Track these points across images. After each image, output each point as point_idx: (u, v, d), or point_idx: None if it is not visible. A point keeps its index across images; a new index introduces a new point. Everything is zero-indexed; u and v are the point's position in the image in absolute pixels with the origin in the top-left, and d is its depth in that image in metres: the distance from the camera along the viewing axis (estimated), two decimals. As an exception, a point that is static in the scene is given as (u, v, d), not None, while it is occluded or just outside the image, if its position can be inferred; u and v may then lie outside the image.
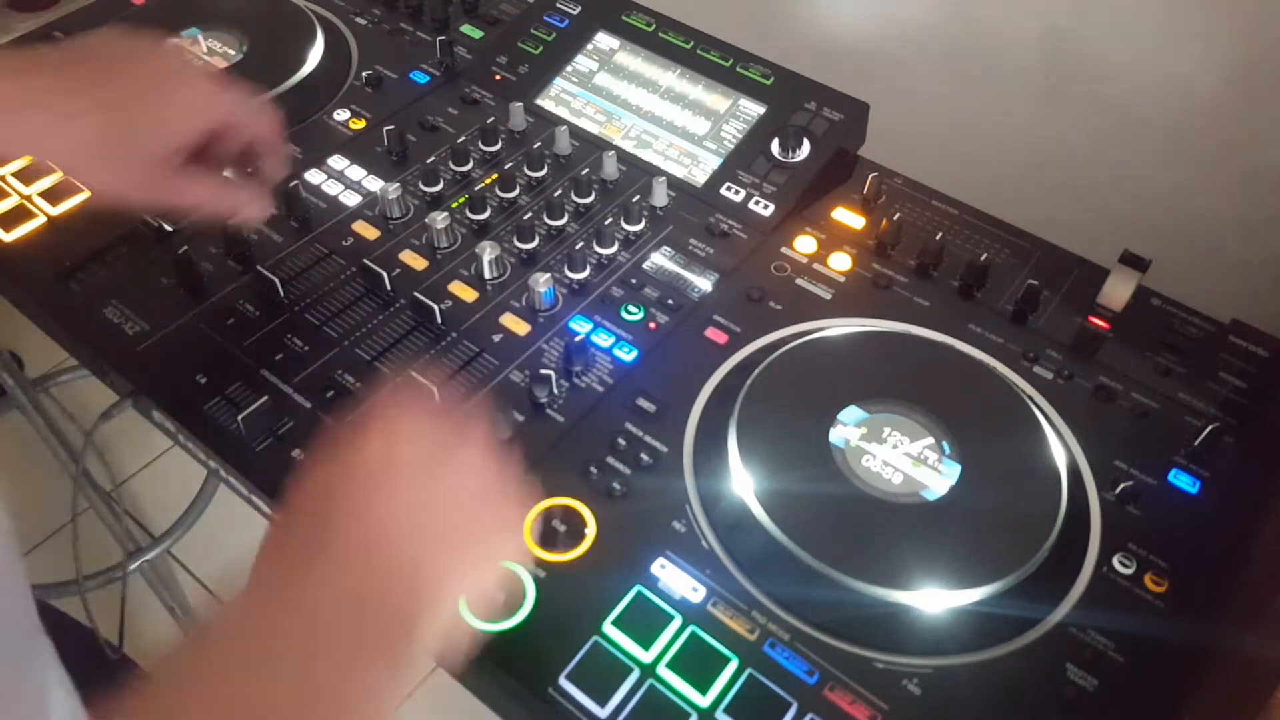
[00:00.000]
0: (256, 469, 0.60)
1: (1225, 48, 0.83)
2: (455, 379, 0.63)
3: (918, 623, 0.52)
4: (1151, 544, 0.57)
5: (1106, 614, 0.53)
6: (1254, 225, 0.88)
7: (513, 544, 0.49)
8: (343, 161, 0.79)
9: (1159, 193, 0.92)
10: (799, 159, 0.78)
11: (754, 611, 0.53)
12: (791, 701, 0.49)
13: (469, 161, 0.78)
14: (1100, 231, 0.78)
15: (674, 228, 0.75)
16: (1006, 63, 0.96)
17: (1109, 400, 0.64)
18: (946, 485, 0.57)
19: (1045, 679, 0.51)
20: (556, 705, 0.49)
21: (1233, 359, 0.67)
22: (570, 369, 0.64)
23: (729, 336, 0.67)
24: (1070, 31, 0.91)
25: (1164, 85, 0.88)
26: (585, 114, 0.84)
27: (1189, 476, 0.60)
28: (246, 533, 1.69)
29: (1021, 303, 0.69)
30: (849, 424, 0.59)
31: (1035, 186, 0.94)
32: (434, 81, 0.87)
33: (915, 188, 0.79)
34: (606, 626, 0.52)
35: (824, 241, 0.74)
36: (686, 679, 0.50)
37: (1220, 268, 0.88)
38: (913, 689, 0.50)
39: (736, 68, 0.83)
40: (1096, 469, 0.60)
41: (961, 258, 0.71)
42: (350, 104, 0.84)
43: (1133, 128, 0.91)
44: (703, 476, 0.58)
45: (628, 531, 0.56)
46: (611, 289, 0.70)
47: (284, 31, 0.87)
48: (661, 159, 0.80)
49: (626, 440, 0.60)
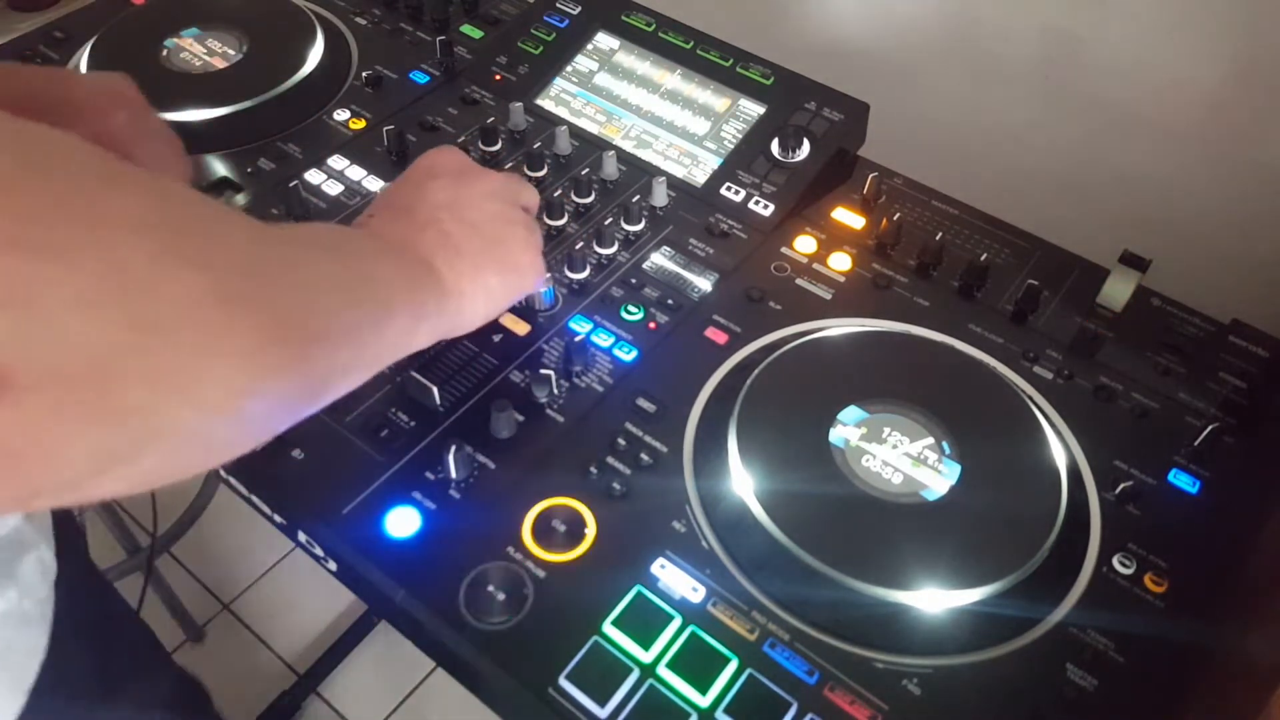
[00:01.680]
0: (256, 468, 0.60)
1: (1225, 47, 0.83)
2: (455, 379, 0.63)
3: (918, 623, 0.52)
4: (1151, 544, 0.57)
5: (1106, 614, 0.54)
6: (1254, 225, 0.88)
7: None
8: (343, 161, 0.79)
9: (1159, 193, 0.93)
10: (799, 159, 0.78)
11: (754, 611, 0.53)
12: (791, 701, 0.49)
13: (469, 161, 0.78)
14: (1100, 231, 0.78)
15: (674, 228, 0.75)
16: (1006, 63, 0.96)
17: (1109, 400, 0.64)
18: (946, 485, 0.57)
19: (1045, 679, 0.51)
20: (556, 705, 0.49)
21: (1233, 359, 0.67)
22: (570, 369, 0.64)
23: (729, 336, 0.67)
24: (1070, 31, 0.91)
25: (1164, 85, 0.88)
26: (585, 114, 0.84)
27: (1189, 476, 0.60)
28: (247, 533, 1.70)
29: (1021, 303, 0.69)
30: (849, 424, 0.59)
31: (1035, 186, 0.94)
32: (434, 81, 0.87)
33: (915, 188, 0.79)
34: (606, 626, 0.52)
35: (824, 241, 0.74)
36: (686, 679, 0.50)
37: (1220, 268, 0.88)
38: (913, 689, 0.50)
39: (736, 68, 0.83)
40: (1096, 469, 0.60)
41: (961, 258, 0.71)
42: (350, 104, 0.84)
43: (1133, 127, 0.91)
44: (703, 476, 0.58)
45: (628, 531, 0.56)
46: (611, 289, 0.70)
47: (284, 31, 0.87)
48: (661, 159, 0.80)
49: (626, 440, 0.60)
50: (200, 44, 0.86)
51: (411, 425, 0.61)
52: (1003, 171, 0.95)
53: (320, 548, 0.58)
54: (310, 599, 1.47)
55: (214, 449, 0.34)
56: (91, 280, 0.27)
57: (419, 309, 0.49)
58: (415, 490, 0.57)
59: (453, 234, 0.53)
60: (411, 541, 0.55)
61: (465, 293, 0.53)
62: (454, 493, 0.57)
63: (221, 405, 0.31)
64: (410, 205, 0.55)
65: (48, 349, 0.26)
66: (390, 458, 0.59)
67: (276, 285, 0.35)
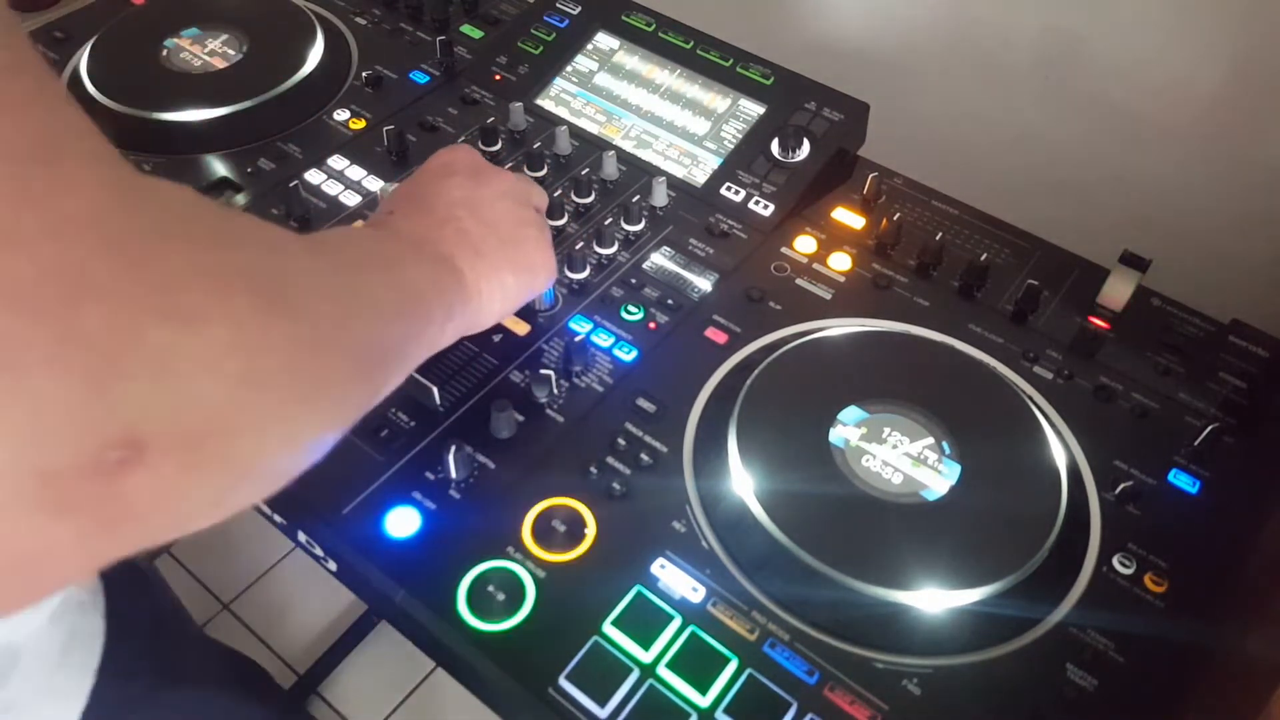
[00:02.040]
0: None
1: (1225, 47, 0.83)
2: (455, 379, 0.63)
3: (918, 623, 0.52)
4: (1151, 544, 0.57)
5: (1106, 614, 0.54)
6: (1254, 225, 0.88)
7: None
8: (343, 161, 0.79)
9: (1159, 193, 0.93)
10: (799, 159, 0.78)
11: (754, 611, 0.53)
12: (791, 701, 0.49)
13: (469, 161, 0.78)
14: (1100, 231, 0.78)
15: (674, 228, 0.75)
16: (1006, 63, 0.96)
17: (1109, 400, 0.64)
18: (946, 485, 0.57)
19: (1045, 679, 0.51)
20: (556, 705, 0.49)
21: (1233, 359, 0.67)
22: (570, 369, 0.64)
23: (729, 336, 0.67)
24: (1070, 31, 0.91)
25: (1164, 85, 0.88)
26: (585, 114, 0.84)
27: (1189, 476, 0.60)
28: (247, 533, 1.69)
29: (1021, 303, 0.69)
30: (849, 424, 0.59)
31: (1035, 186, 0.94)
32: (434, 81, 0.87)
33: (915, 188, 0.79)
34: (606, 626, 0.52)
35: (824, 241, 0.74)
36: (686, 679, 0.50)
37: (1220, 268, 0.88)
38: (913, 689, 0.50)
39: (736, 68, 0.83)
40: (1096, 469, 0.60)
41: (961, 258, 0.71)
42: (350, 104, 0.84)
43: (1133, 127, 0.91)
44: (703, 476, 0.58)
45: (628, 531, 0.56)
46: (611, 289, 0.70)
47: (284, 31, 0.88)
48: (661, 159, 0.80)
49: (626, 440, 0.60)
50: (200, 44, 0.86)
51: (411, 425, 0.61)
52: (1003, 171, 0.95)
53: (320, 548, 0.58)
54: (310, 599, 1.47)
55: (285, 480, 0.35)
56: (216, 341, 0.27)
57: (448, 311, 0.50)
58: (415, 490, 0.57)
59: (471, 232, 0.54)
60: (411, 541, 0.55)
61: (483, 292, 0.53)
62: (454, 493, 0.57)
63: (311, 444, 0.33)
64: (428, 202, 0.55)
65: (180, 413, 0.26)
66: (390, 458, 0.59)
67: (352, 324, 0.37)
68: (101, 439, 0.24)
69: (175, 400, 0.26)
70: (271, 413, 0.30)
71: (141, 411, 0.25)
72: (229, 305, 0.28)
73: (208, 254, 0.28)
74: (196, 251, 0.28)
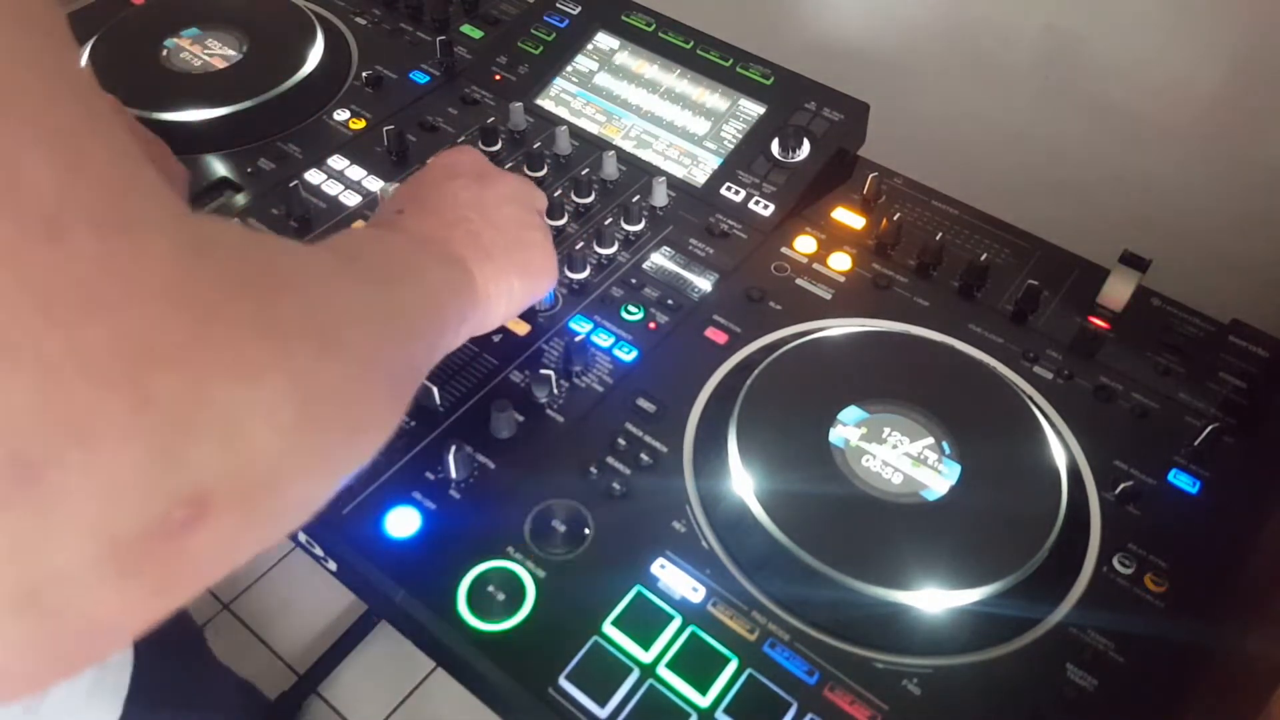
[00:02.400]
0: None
1: (1225, 47, 0.83)
2: (455, 379, 0.63)
3: (918, 623, 0.52)
4: (1151, 544, 0.57)
5: (1106, 614, 0.54)
6: (1254, 225, 0.88)
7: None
8: (343, 161, 0.79)
9: (1159, 193, 0.93)
10: (799, 159, 0.78)
11: (754, 611, 0.53)
12: (791, 701, 0.49)
13: (469, 161, 0.78)
14: (1100, 231, 0.78)
15: (674, 228, 0.75)
16: (1006, 63, 0.96)
17: (1109, 400, 0.64)
18: (946, 485, 0.57)
19: (1045, 679, 0.51)
20: (556, 705, 0.49)
21: (1233, 359, 0.67)
22: (570, 369, 0.64)
23: (729, 336, 0.67)
24: (1070, 31, 0.91)
25: (1164, 85, 0.88)
26: (585, 114, 0.84)
27: (1189, 476, 0.60)
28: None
29: (1021, 303, 0.69)
30: (849, 424, 0.59)
31: (1035, 186, 0.94)
32: (434, 81, 0.87)
33: (915, 188, 0.79)
34: (606, 626, 0.52)
35: (824, 241, 0.74)
36: (686, 679, 0.50)
37: (1220, 268, 0.88)
38: (913, 689, 0.50)
39: (736, 68, 0.83)
40: (1096, 469, 0.60)
41: (961, 258, 0.71)
42: (350, 104, 0.84)
43: (1133, 127, 0.91)
44: (703, 476, 0.58)
45: (628, 531, 0.56)
46: (611, 289, 0.70)
47: (284, 31, 0.88)
48: (661, 159, 0.80)
49: (626, 440, 0.60)
50: (200, 44, 0.86)
51: (411, 425, 0.61)
52: (1003, 171, 0.95)
53: (320, 548, 0.58)
54: (310, 599, 1.47)
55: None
56: (275, 392, 0.27)
57: (461, 315, 0.50)
58: (415, 490, 0.57)
59: (481, 234, 0.54)
60: (411, 541, 0.55)
61: (492, 296, 0.54)
62: (454, 493, 0.57)
63: (350, 473, 0.33)
64: (435, 203, 0.55)
65: (243, 468, 0.26)
66: (390, 458, 0.59)
67: (388, 346, 0.37)
68: (170, 501, 0.24)
69: (239, 457, 0.26)
70: (324, 454, 0.30)
71: (209, 471, 0.25)
72: (287, 354, 0.28)
73: (266, 304, 0.28)
74: (256, 303, 0.27)
